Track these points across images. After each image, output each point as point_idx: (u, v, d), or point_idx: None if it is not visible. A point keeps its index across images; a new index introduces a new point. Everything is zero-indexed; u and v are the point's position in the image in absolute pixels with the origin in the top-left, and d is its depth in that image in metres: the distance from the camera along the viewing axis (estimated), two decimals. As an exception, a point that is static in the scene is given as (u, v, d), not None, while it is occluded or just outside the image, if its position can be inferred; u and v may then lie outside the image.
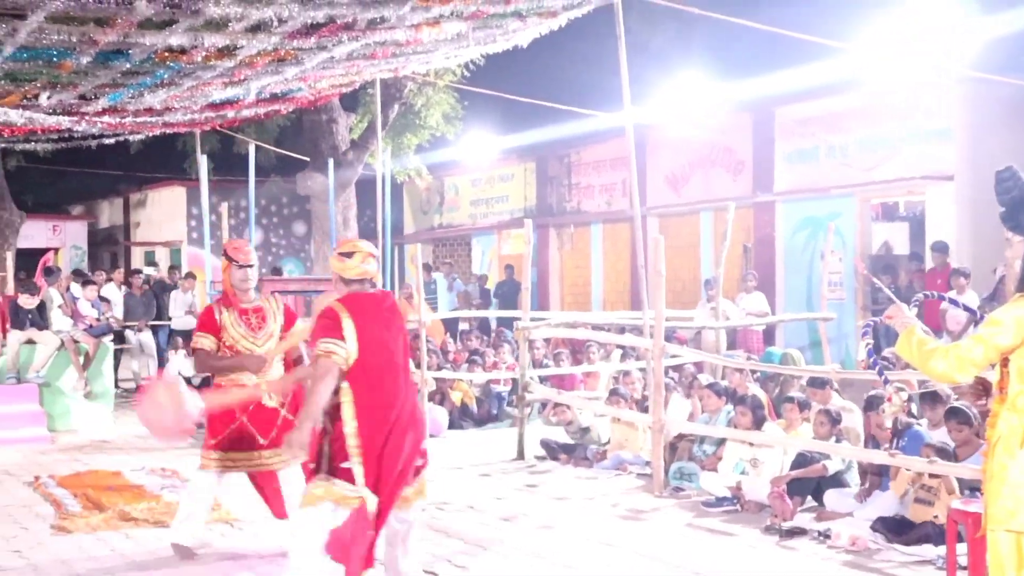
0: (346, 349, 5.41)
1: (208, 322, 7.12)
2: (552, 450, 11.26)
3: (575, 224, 22.57)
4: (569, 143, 21.63)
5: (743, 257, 18.30)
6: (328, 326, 5.47)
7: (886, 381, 5.40)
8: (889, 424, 8.25)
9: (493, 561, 7.10)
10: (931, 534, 7.14)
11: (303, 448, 5.40)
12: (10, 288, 16.11)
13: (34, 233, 26.91)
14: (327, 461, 5.46)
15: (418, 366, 13.27)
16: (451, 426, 13.53)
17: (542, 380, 13.48)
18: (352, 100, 19.09)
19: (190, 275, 18.83)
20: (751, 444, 9.03)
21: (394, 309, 5.80)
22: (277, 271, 22.17)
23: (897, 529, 7.32)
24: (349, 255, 5.70)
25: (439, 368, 14.03)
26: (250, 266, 7.14)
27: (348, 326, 5.46)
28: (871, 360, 5.29)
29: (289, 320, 7.32)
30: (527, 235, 11.97)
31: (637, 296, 17.41)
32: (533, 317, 12.69)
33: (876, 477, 8.14)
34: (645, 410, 10.45)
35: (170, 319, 18.02)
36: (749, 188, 18.22)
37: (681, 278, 19.55)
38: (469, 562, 7.05)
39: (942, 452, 7.36)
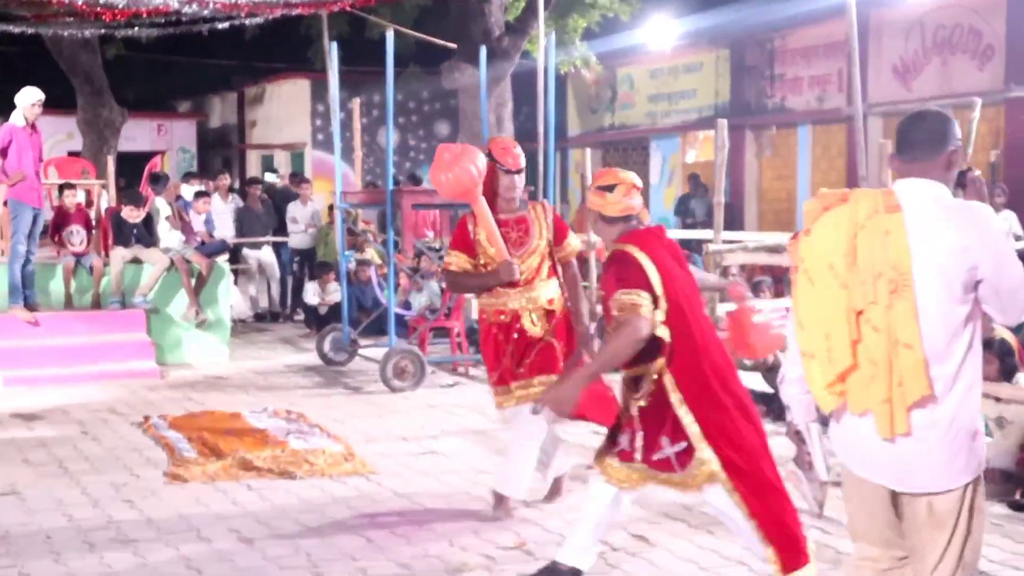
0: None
1: (462, 237, 7.23)
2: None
3: (778, 125, 22.25)
4: (772, 25, 21.24)
5: (990, 167, 17.78)
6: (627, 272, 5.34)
7: None
8: None
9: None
10: None
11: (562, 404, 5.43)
12: (112, 198, 16.50)
13: (137, 134, 27.86)
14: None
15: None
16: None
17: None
18: (508, -26, 19.11)
19: (304, 180, 19.03)
20: (997, 399, 8.84)
21: (678, 250, 5.76)
22: (415, 179, 22.01)
23: None
24: (609, 188, 5.60)
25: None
26: (520, 172, 7.17)
27: (652, 271, 5.35)
28: None
29: (560, 233, 7.31)
30: (719, 139, 11.85)
31: (854, 214, 17.09)
32: (726, 239, 12.60)
33: None
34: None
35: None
36: (1000, 81, 17.65)
37: (910, 192, 19.12)
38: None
39: None
